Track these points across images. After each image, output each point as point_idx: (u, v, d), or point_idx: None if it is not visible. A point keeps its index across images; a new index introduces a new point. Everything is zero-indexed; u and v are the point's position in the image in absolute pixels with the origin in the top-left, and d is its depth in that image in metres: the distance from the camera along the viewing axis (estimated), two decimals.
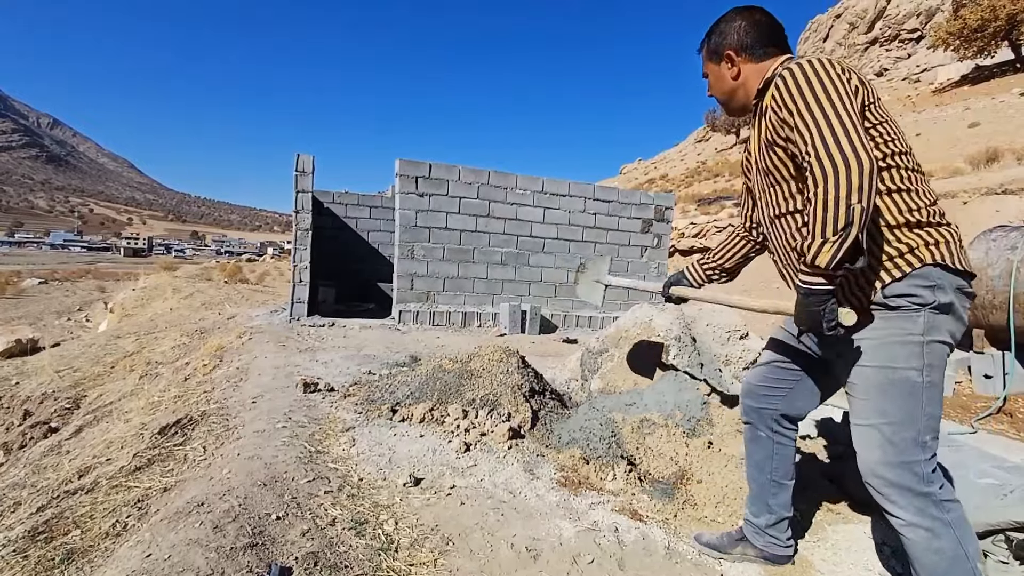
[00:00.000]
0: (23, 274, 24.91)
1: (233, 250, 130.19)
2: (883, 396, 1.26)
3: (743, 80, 1.47)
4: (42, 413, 4.32)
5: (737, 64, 1.46)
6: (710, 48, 1.53)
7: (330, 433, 2.39)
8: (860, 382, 1.31)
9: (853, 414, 1.34)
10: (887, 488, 1.26)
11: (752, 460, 1.72)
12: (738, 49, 1.45)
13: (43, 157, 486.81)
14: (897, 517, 1.26)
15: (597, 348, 3.32)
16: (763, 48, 1.43)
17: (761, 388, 1.65)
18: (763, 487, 1.68)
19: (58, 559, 1.58)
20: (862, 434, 1.31)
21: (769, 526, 1.67)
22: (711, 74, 1.56)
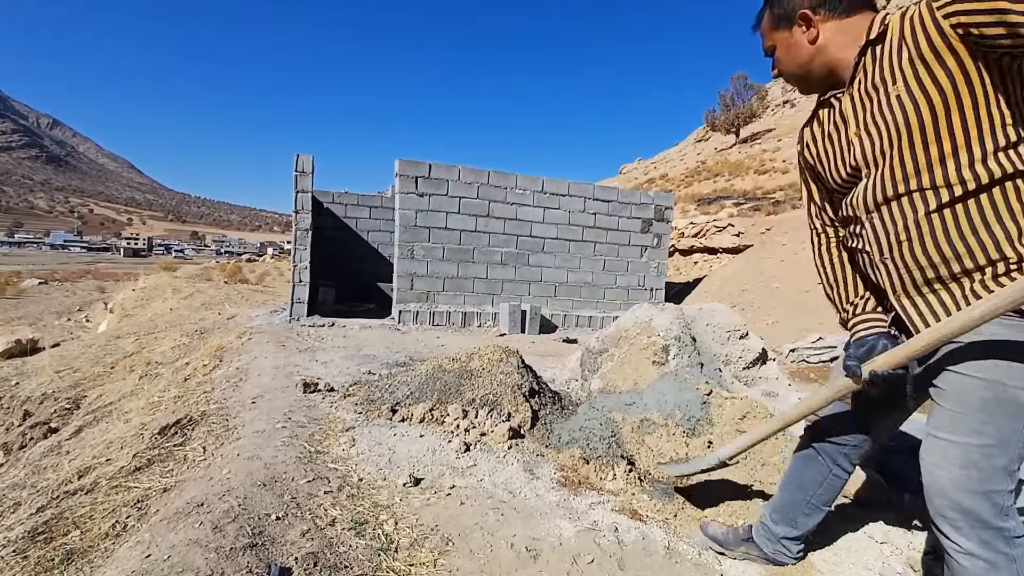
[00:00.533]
0: (23, 274, 24.92)
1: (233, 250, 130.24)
2: (983, 414, 1.06)
3: (823, 44, 1.21)
4: (42, 413, 4.32)
5: (816, 24, 1.20)
6: (776, 14, 1.27)
7: (330, 433, 2.39)
8: (957, 393, 1.09)
9: (936, 425, 1.14)
10: (956, 513, 1.10)
11: (797, 478, 1.57)
12: (815, 6, 1.20)
13: (43, 157, 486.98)
14: (956, 544, 1.11)
15: (597, 348, 3.32)
16: (845, 1, 1.18)
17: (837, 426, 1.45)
18: (797, 505, 1.57)
19: (58, 559, 1.58)
20: (943, 450, 1.12)
21: (786, 538, 1.61)
22: (779, 45, 1.29)
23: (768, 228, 11.61)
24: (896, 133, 1.09)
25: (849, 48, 1.18)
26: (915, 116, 1.05)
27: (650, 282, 8.24)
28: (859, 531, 1.94)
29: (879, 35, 1.12)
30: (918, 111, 1.04)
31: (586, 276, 7.83)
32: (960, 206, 1.03)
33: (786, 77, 1.33)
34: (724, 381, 2.97)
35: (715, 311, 3.41)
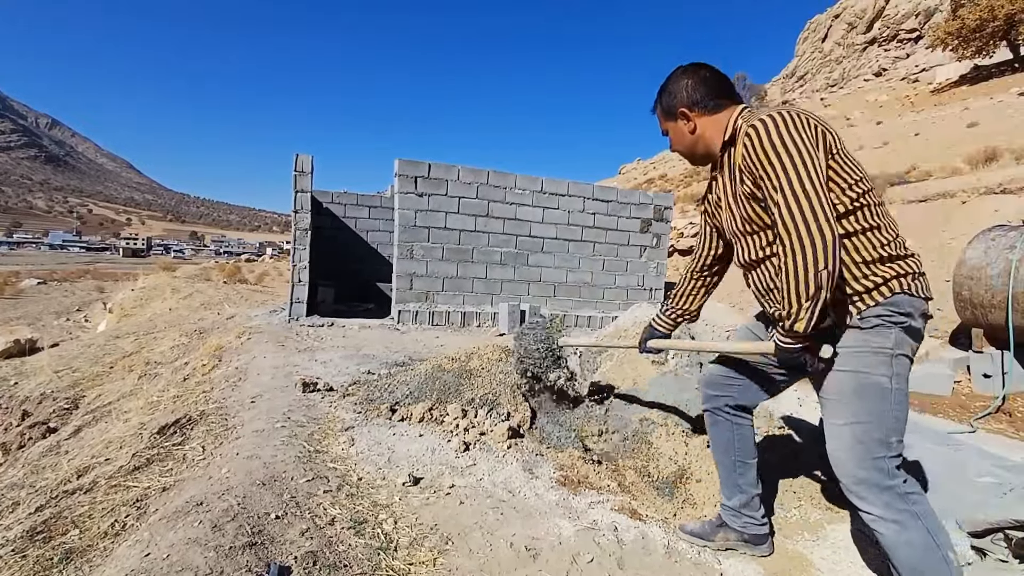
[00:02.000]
0: (22, 274, 24.88)
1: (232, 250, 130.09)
2: (856, 398, 1.35)
3: (700, 133, 1.55)
4: (41, 413, 4.32)
5: (692, 119, 1.55)
6: (663, 108, 1.62)
7: (329, 433, 2.38)
8: (834, 385, 1.40)
9: (827, 414, 1.43)
10: (857, 485, 1.35)
11: (717, 444, 1.83)
12: (690, 105, 1.53)
13: (42, 157, 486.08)
14: (868, 513, 1.34)
15: None
16: (714, 101, 1.52)
17: (720, 379, 1.78)
18: (730, 469, 1.80)
19: (57, 559, 1.58)
20: (834, 432, 1.40)
21: (743, 506, 1.77)
22: (670, 131, 1.64)
23: None
24: (744, 221, 1.49)
25: (717, 139, 1.54)
26: (747, 215, 1.46)
27: (649, 282, 8.24)
28: (858, 531, 1.95)
29: (730, 138, 1.48)
30: (749, 213, 1.45)
31: (585, 276, 7.83)
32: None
33: (679, 154, 1.69)
34: None
35: (714, 310, 3.41)
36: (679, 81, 1.56)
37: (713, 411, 1.81)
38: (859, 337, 1.36)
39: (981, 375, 3.64)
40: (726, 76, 1.56)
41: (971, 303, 3.70)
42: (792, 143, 1.28)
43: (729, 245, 1.71)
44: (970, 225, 5.75)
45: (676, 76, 1.57)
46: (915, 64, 33.92)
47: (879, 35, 38.79)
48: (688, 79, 1.54)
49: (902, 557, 1.30)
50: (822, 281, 1.23)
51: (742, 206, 1.47)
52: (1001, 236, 3.66)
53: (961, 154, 10.82)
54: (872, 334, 1.34)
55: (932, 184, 8.25)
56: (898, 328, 1.34)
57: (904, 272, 1.37)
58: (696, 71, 1.55)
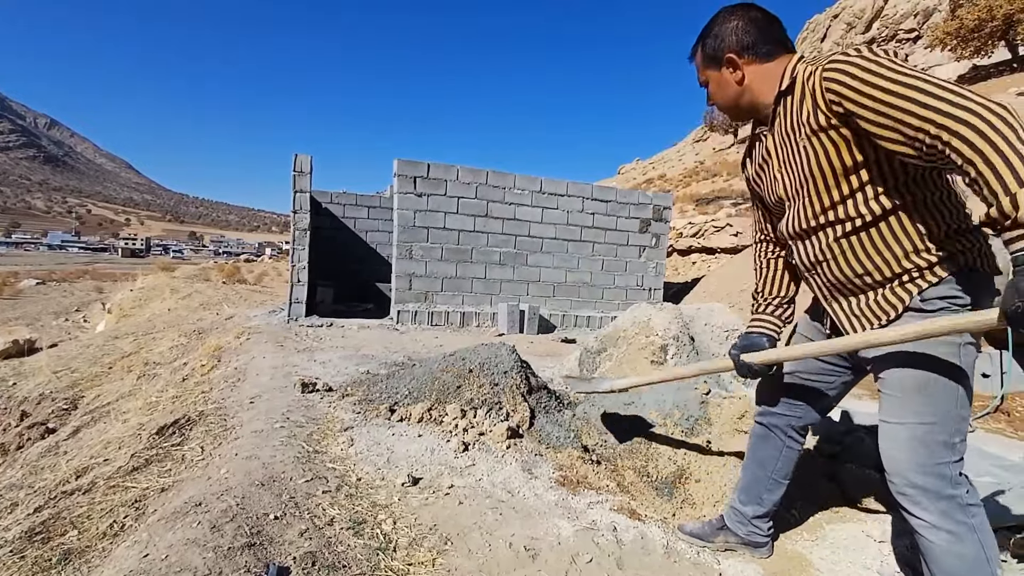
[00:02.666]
0: (20, 275, 24.86)
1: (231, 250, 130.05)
2: (920, 396, 1.22)
3: (748, 84, 1.37)
4: (39, 414, 4.31)
5: (740, 67, 1.36)
6: (706, 53, 1.41)
7: (328, 433, 2.38)
8: (896, 381, 1.25)
9: (884, 412, 1.29)
10: (913, 490, 1.22)
11: (755, 456, 1.72)
12: (740, 51, 1.34)
13: (40, 157, 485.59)
14: (920, 519, 1.22)
15: (595, 348, 3.32)
16: (767, 46, 1.33)
17: (779, 398, 1.63)
18: (760, 481, 1.70)
19: (55, 559, 1.58)
20: (893, 433, 1.26)
21: (756, 517, 1.71)
22: (711, 81, 1.44)
23: None
24: (805, 177, 1.30)
25: (769, 92, 1.35)
26: (816, 167, 1.26)
27: (648, 282, 8.25)
28: (858, 530, 1.95)
29: (788, 87, 1.30)
30: (819, 163, 1.25)
31: (584, 276, 7.83)
32: (862, 234, 1.26)
33: (719, 107, 1.50)
34: (722, 380, 2.97)
35: (713, 311, 3.42)
36: (727, 22, 1.36)
37: (768, 428, 1.68)
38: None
39: (980, 375, 3.64)
40: (779, 20, 1.36)
41: None
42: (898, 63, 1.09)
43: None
44: None
45: (723, 17, 1.38)
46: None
47: (878, 35, 38.83)
48: (738, 20, 1.35)
49: (947, 568, 1.20)
50: None
51: (808, 155, 1.27)
52: None
53: None
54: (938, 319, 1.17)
55: None
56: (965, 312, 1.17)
57: (973, 245, 1.20)
58: (747, 11, 1.36)
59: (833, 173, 1.24)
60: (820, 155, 1.25)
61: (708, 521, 1.83)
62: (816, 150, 1.25)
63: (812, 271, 1.39)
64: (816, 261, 1.36)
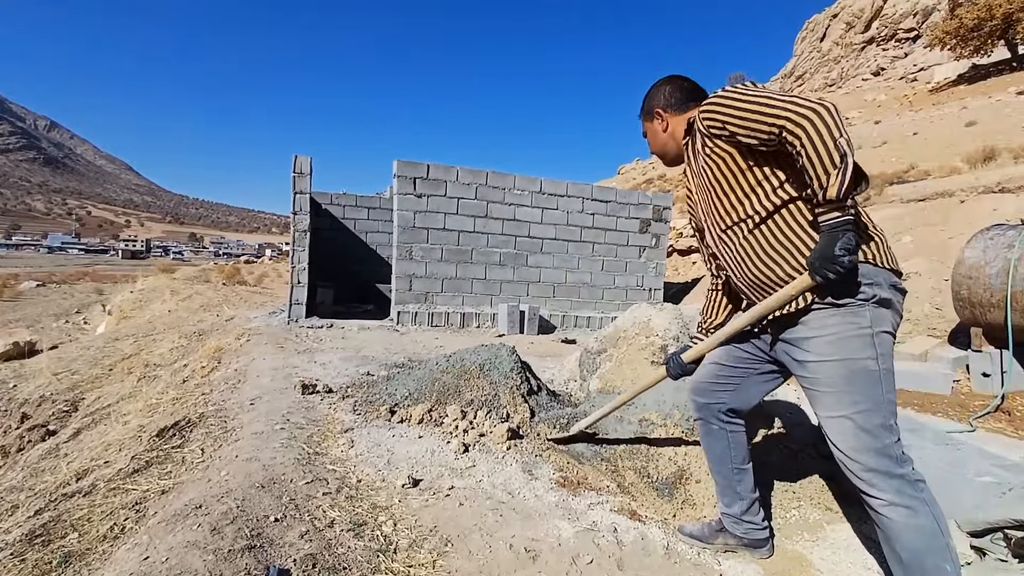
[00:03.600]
0: (20, 277, 24.87)
1: (231, 252, 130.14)
2: (849, 386, 1.33)
3: (671, 131, 1.69)
4: (40, 416, 4.31)
5: (665, 119, 1.70)
6: (644, 110, 1.77)
7: (328, 435, 2.38)
8: (823, 376, 1.37)
9: (821, 408, 1.41)
10: (866, 473, 1.33)
11: (712, 454, 1.81)
12: (664, 107, 1.70)
13: (40, 159, 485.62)
14: (878, 499, 1.32)
15: (596, 348, 3.32)
16: (685, 104, 1.67)
17: (709, 385, 1.75)
18: (728, 477, 1.77)
19: (56, 562, 1.58)
20: (835, 426, 1.37)
21: (743, 512, 1.75)
22: (648, 131, 1.78)
23: None
24: (708, 192, 1.56)
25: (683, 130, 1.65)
26: (713, 179, 1.52)
27: (648, 282, 8.25)
28: (858, 530, 1.95)
29: (688, 127, 1.61)
30: (714, 175, 1.51)
31: (584, 276, 7.83)
32: (763, 227, 1.44)
33: (655, 154, 1.80)
34: None
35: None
36: (660, 87, 1.73)
37: (705, 420, 1.79)
38: (835, 321, 1.34)
39: (980, 374, 3.64)
40: (701, 87, 1.70)
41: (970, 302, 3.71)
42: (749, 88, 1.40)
43: None
44: (968, 224, 5.76)
45: (659, 83, 1.75)
46: (913, 63, 33.96)
47: (877, 34, 38.82)
48: (668, 85, 1.72)
49: (907, 542, 1.30)
50: (844, 148, 1.20)
51: (706, 170, 1.53)
52: (999, 235, 3.66)
53: (959, 153, 10.82)
54: (847, 315, 1.33)
55: (930, 183, 8.26)
56: (871, 304, 1.32)
57: (866, 239, 1.36)
58: (675, 80, 1.72)
59: (727, 181, 1.49)
60: (714, 169, 1.50)
61: (708, 523, 1.84)
62: (711, 167, 1.51)
63: (739, 279, 1.57)
64: (737, 264, 1.53)
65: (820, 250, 1.26)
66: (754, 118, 1.34)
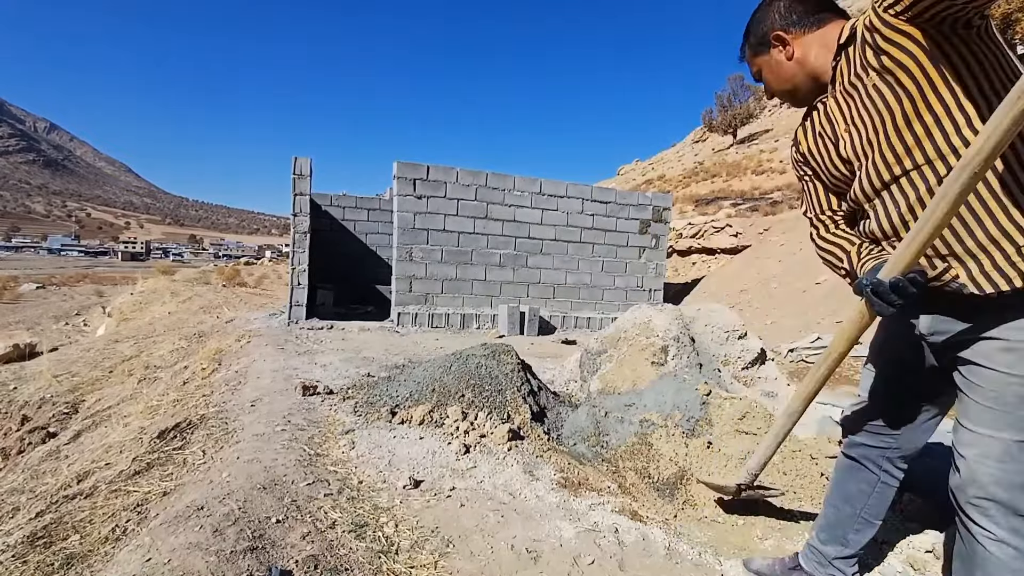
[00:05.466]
0: (20, 279, 24.86)
1: (231, 253, 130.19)
2: (1021, 410, 1.08)
3: (802, 56, 1.28)
4: (40, 418, 4.31)
5: (790, 43, 1.29)
6: (753, 41, 1.36)
7: (329, 436, 2.38)
8: (996, 391, 1.11)
9: (972, 419, 1.15)
10: (989, 503, 1.12)
11: (841, 490, 1.51)
12: (786, 26, 1.29)
13: (40, 161, 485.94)
14: (987, 531, 1.13)
15: (596, 349, 3.32)
16: (814, 16, 1.27)
17: (872, 424, 1.42)
18: (846, 520, 1.49)
19: (57, 564, 1.58)
20: (982, 444, 1.13)
21: (838, 558, 1.51)
22: (764, 68, 1.37)
23: (766, 228, 11.63)
24: (880, 120, 1.15)
25: (827, 55, 1.25)
26: (894, 100, 1.11)
27: (648, 283, 8.25)
28: None
29: (848, 38, 1.19)
30: (895, 94, 1.10)
31: (584, 277, 7.84)
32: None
33: (778, 95, 1.41)
34: (723, 381, 2.97)
35: (713, 311, 3.42)
36: (769, 7, 1.33)
37: (860, 460, 1.45)
38: None
39: None
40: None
41: None
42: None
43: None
44: None
45: (763, 5, 1.34)
46: None
47: None
48: (779, 2, 1.31)
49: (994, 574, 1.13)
50: None
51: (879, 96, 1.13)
52: None
53: None
54: None
55: None
56: None
57: None
58: None
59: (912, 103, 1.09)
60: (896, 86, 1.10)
61: (780, 559, 1.63)
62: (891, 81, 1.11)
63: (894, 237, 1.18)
64: (900, 221, 1.15)
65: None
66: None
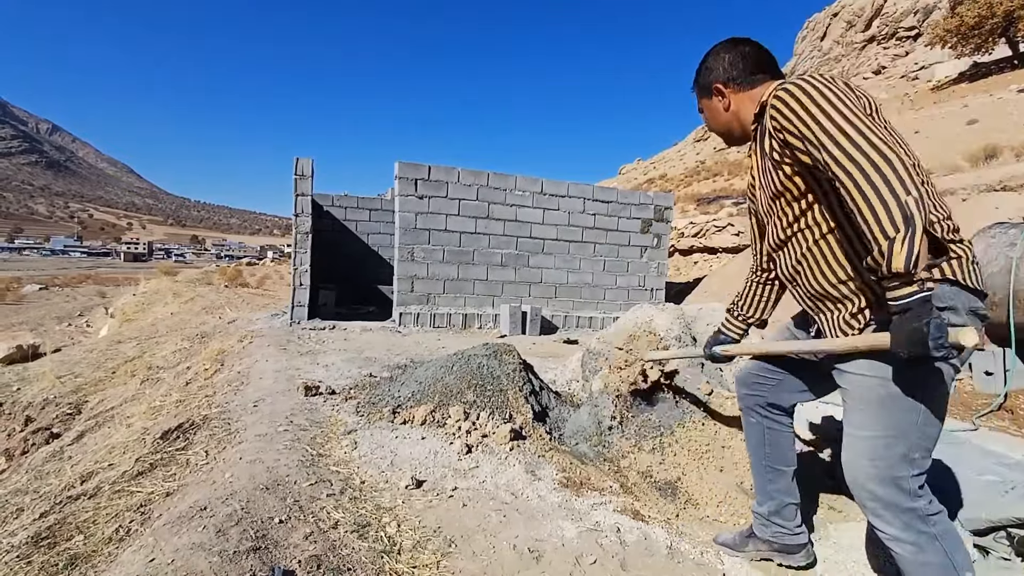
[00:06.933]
0: (23, 280, 24.93)
1: (233, 254, 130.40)
2: (881, 409, 1.22)
3: (736, 110, 1.47)
4: (44, 419, 4.33)
5: (727, 96, 1.46)
6: (700, 84, 1.53)
7: (332, 436, 2.39)
8: (859, 392, 1.26)
9: (847, 422, 1.31)
10: (873, 502, 1.25)
11: (749, 445, 1.77)
12: (726, 81, 1.45)
13: (42, 163, 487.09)
14: (884, 532, 1.25)
15: (598, 349, 3.32)
16: (751, 76, 1.43)
17: (752, 377, 1.69)
18: (760, 473, 1.72)
19: (61, 564, 1.59)
20: (853, 443, 1.28)
21: (772, 513, 1.69)
22: (705, 109, 1.56)
23: None
24: (772, 194, 1.39)
25: (752, 113, 1.43)
26: (780, 185, 1.34)
27: (650, 282, 8.24)
28: (861, 530, 1.95)
29: (760, 110, 1.37)
30: (781, 182, 1.33)
31: (586, 277, 7.83)
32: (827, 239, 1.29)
33: (715, 133, 1.60)
34: (725, 380, 2.97)
35: (715, 311, 3.41)
36: (718, 56, 1.47)
37: (746, 409, 1.73)
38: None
39: (983, 373, 3.63)
40: (769, 52, 1.44)
41: None
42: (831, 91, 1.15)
43: None
44: (970, 223, 5.74)
45: (715, 51, 1.48)
46: (914, 62, 33.90)
47: (878, 33, 38.77)
48: (726, 54, 1.45)
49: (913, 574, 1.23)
50: (910, 210, 0.99)
51: (772, 176, 1.35)
52: (1001, 234, 3.66)
53: (961, 151, 10.81)
54: None
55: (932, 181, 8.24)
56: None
57: (953, 256, 1.19)
58: (735, 46, 1.45)
59: (791, 191, 1.32)
60: (780, 175, 1.33)
61: (739, 531, 1.80)
62: (776, 170, 1.33)
63: (792, 282, 1.45)
64: (794, 272, 1.42)
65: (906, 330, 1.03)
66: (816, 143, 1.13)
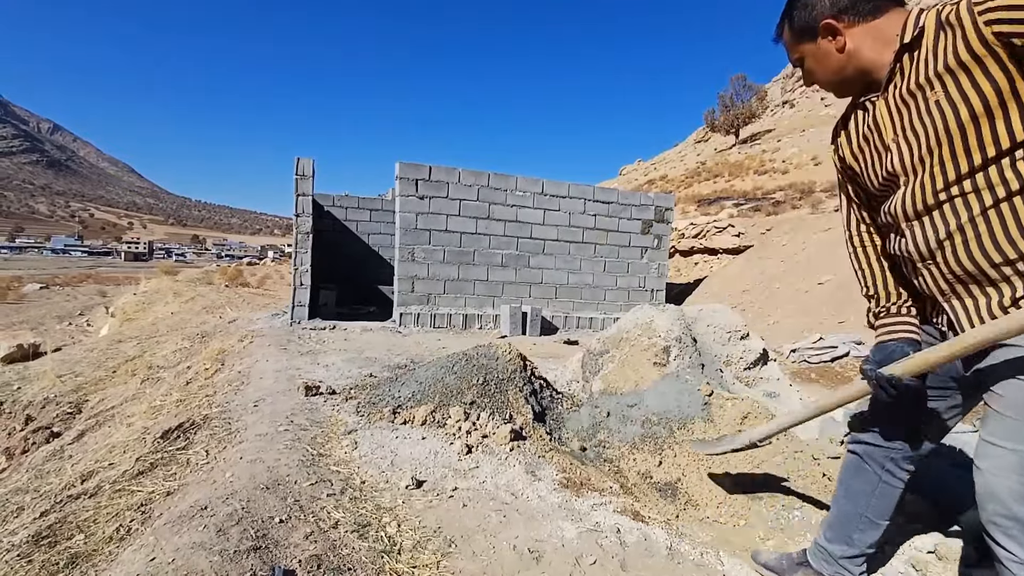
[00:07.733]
0: (24, 279, 24.95)
1: (234, 254, 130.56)
2: None
3: (854, 48, 1.17)
4: (44, 418, 4.33)
5: (841, 32, 1.17)
6: (797, 27, 1.24)
7: (332, 436, 2.39)
8: (1018, 400, 1.06)
9: (993, 433, 1.10)
10: (1010, 522, 1.06)
11: (845, 488, 1.50)
12: (837, 14, 1.16)
13: (43, 162, 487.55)
14: (1011, 553, 1.07)
15: (598, 349, 3.32)
16: (871, 3, 1.14)
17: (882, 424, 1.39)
18: (851, 519, 1.48)
19: (62, 563, 1.59)
20: (1000, 457, 1.08)
21: (844, 558, 1.49)
22: (808, 57, 1.25)
23: (768, 228, 11.61)
24: (937, 140, 1.07)
25: (882, 50, 1.15)
26: (955, 123, 1.03)
27: (651, 283, 8.25)
28: None
29: (914, 38, 1.09)
30: (958, 118, 1.02)
31: (587, 278, 7.84)
32: (1006, 204, 1.01)
33: (821, 85, 1.30)
34: (725, 382, 2.97)
35: (716, 312, 3.42)
36: None
37: (864, 457, 1.44)
38: None
39: None
40: None
41: None
42: None
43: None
44: None
45: None
46: None
47: None
48: None
49: None
50: None
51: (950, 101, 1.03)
52: None
53: None
54: None
55: None
56: None
57: None
58: None
59: (977, 129, 1.01)
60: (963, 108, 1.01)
61: (787, 554, 1.65)
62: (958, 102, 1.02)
63: (929, 260, 1.15)
64: (937, 246, 1.11)
65: None
66: None
